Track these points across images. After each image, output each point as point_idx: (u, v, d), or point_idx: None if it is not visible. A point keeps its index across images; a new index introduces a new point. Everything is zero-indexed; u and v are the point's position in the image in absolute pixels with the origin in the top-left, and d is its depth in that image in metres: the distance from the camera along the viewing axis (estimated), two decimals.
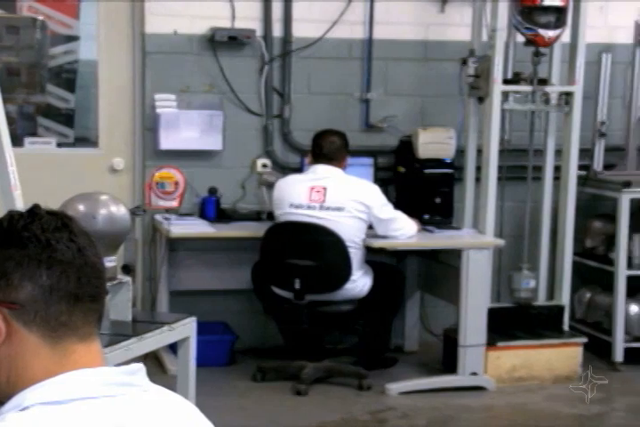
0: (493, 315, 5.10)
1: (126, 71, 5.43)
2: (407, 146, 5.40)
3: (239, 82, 5.48)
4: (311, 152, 5.06)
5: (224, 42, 5.36)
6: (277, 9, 5.48)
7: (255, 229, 5.07)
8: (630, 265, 5.48)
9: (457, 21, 5.58)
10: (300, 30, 5.51)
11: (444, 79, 5.60)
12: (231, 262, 5.34)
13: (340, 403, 4.83)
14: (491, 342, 5.07)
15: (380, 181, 5.35)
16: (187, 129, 5.37)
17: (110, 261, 3.11)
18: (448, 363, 5.17)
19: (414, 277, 5.60)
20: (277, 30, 5.51)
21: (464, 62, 5.27)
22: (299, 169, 5.36)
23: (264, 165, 5.48)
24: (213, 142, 5.43)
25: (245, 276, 5.11)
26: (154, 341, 3.36)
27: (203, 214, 5.35)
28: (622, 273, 5.39)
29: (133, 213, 3.79)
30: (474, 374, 5.02)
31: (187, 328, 3.49)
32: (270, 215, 5.16)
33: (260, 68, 5.50)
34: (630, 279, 5.44)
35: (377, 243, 4.94)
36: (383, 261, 5.27)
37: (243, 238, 5.14)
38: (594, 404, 4.89)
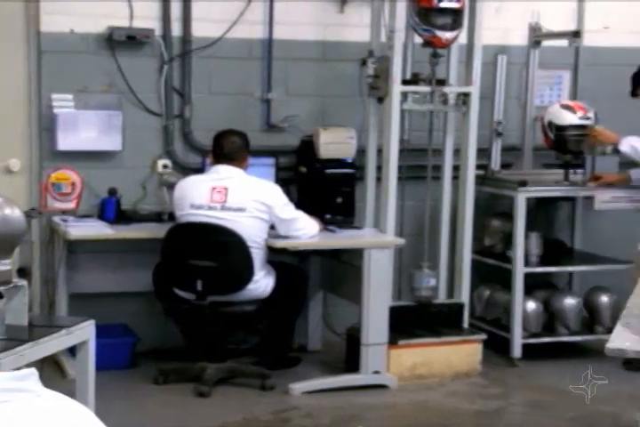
0: (395, 313, 5.15)
1: (22, 71, 5.32)
2: (308, 146, 5.42)
3: (138, 82, 5.42)
4: (212, 152, 5.04)
5: (122, 41, 5.30)
6: (176, 8, 5.45)
7: (156, 231, 5.03)
8: (527, 263, 5.59)
9: (356, 22, 5.62)
10: (200, 30, 5.48)
11: (344, 79, 5.64)
12: (131, 264, 5.28)
13: (243, 403, 4.82)
14: (392, 341, 5.12)
15: (282, 181, 5.36)
16: (85, 129, 5.29)
17: (4, 265, 3.04)
18: (351, 362, 5.20)
19: (317, 276, 5.62)
20: (176, 30, 5.47)
21: (363, 63, 5.31)
22: (200, 169, 5.33)
23: (165, 166, 5.43)
24: (112, 143, 5.36)
25: (146, 278, 5.06)
26: (50, 345, 3.30)
27: (102, 216, 5.29)
28: (520, 271, 5.49)
29: (28, 215, 3.72)
30: (376, 372, 5.06)
31: (85, 332, 3.44)
32: (171, 216, 5.13)
33: (160, 67, 5.45)
34: (527, 276, 5.55)
35: (279, 243, 4.94)
36: (285, 261, 5.27)
37: (143, 240, 5.09)
38: (492, 399, 4.98)
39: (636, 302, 2.87)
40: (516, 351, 5.51)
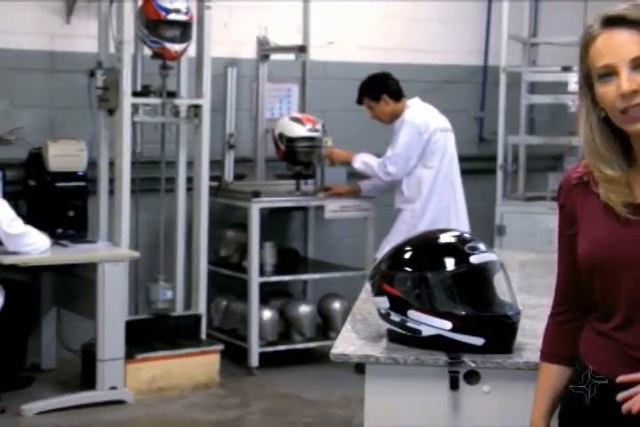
0: (132, 327, 5.09)
1: None
2: (37, 159, 5.26)
3: None
4: None
5: None
6: None
7: None
8: (262, 272, 5.67)
9: (84, 33, 5.52)
10: None
11: (74, 91, 5.51)
12: None
13: None
14: (129, 355, 5.05)
15: (9, 195, 5.16)
16: None
17: None
18: (87, 379, 5.08)
19: (50, 292, 5.46)
20: None
21: (92, 74, 5.23)
22: None
23: None
24: None
25: None
26: None
27: None
28: (255, 280, 5.56)
29: None
30: (113, 388, 4.98)
31: None
32: None
33: None
34: (263, 286, 5.64)
35: (8, 259, 4.76)
36: (16, 277, 5.09)
37: None
38: (231, 409, 5.01)
39: (361, 308, 2.97)
40: (254, 360, 5.57)
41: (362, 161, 5.58)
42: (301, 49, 5.83)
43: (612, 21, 1.85)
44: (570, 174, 2.01)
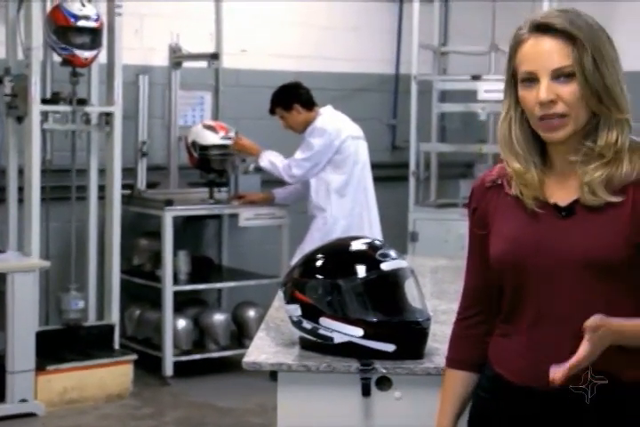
0: (43, 338, 5.01)
1: None
2: None
3: None
4: None
5: None
6: None
7: None
8: (176, 281, 5.63)
9: None
10: None
11: None
12: None
13: None
14: (40, 367, 4.97)
15: None
16: None
17: None
18: None
19: None
20: None
21: (0, 81, 5.13)
22: None
23: None
24: None
25: None
26: None
27: None
28: (169, 289, 5.52)
29: None
30: (24, 400, 4.89)
31: None
32: None
33: None
34: (177, 295, 5.60)
35: None
36: None
37: None
38: (145, 419, 4.97)
39: (274, 315, 2.97)
40: (168, 370, 5.53)
41: (268, 160, 5.58)
42: (214, 56, 5.82)
43: (540, 28, 1.87)
44: (483, 178, 2.05)
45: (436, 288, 3.56)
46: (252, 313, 5.92)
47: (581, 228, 1.89)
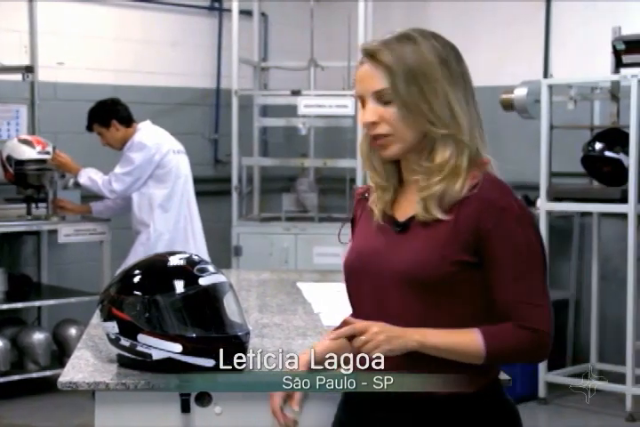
0: None
1: None
2: None
3: None
4: None
5: None
6: None
7: None
8: None
9: None
10: None
11: None
12: None
13: None
14: None
15: None
16: None
17: None
18: None
19: None
20: None
21: None
22: None
23: None
24: None
25: None
26: None
27: None
28: None
29: None
30: None
31: None
32: None
33: None
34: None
35: None
36: None
37: None
38: None
39: (92, 333, 2.92)
40: None
41: (88, 176, 5.51)
42: (28, 69, 5.67)
43: (365, 53, 1.94)
44: (358, 191, 2.12)
45: (259, 302, 3.58)
46: (73, 331, 5.79)
47: (410, 244, 1.94)
